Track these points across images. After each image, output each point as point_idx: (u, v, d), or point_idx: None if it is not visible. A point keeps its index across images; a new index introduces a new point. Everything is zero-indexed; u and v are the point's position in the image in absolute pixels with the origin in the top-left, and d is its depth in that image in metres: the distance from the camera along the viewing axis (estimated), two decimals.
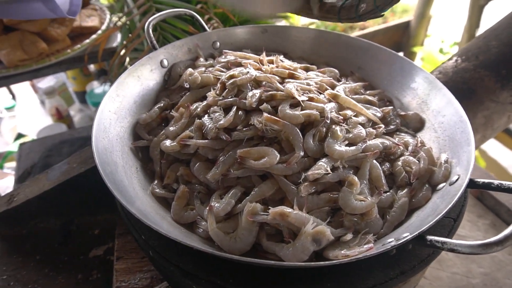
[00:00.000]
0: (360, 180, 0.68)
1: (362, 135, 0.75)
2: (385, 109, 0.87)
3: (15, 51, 1.39)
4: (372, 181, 0.71)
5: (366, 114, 0.82)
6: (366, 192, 0.68)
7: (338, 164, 0.69)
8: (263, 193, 0.68)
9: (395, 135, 0.84)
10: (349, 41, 1.08)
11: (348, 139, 0.73)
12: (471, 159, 0.67)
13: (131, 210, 0.59)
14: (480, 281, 1.09)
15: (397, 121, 0.87)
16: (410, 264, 0.63)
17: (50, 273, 1.00)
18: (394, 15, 3.99)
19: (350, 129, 0.76)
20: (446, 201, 0.62)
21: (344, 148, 0.70)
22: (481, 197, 1.29)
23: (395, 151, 0.77)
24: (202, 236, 0.68)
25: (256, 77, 0.81)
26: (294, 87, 0.78)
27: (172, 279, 0.77)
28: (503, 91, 1.03)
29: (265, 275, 0.62)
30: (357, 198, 0.66)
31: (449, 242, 0.53)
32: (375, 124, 0.83)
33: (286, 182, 0.68)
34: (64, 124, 2.08)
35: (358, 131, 0.75)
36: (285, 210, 0.61)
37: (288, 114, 0.73)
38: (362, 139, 0.74)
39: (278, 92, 0.78)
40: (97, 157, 0.68)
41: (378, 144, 0.75)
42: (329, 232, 0.60)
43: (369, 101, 0.90)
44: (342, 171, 0.69)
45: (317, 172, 0.66)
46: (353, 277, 0.62)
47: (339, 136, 0.72)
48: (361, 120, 0.79)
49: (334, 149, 0.70)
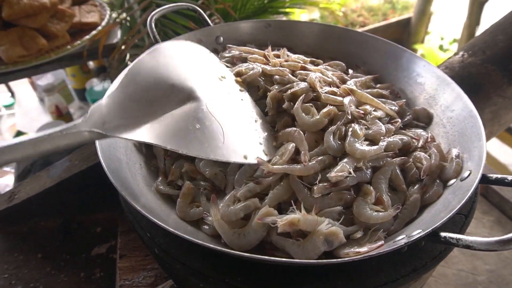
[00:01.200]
0: (381, 182, 0.67)
1: (382, 131, 0.72)
2: (399, 102, 0.86)
3: (14, 47, 1.37)
4: (391, 180, 0.70)
5: (384, 108, 0.80)
6: (387, 196, 0.66)
7: (361, 164, 0.66)
8: (281, 196, 0.65)
9: (407, 129, 0.82)
10: (354, 35, 1.06)
11: (368, 136, 0.71)
12: (483, 154, 0.66)
13: (137, 207, 0.58)
14: (485, 278, 1.09)
15: (410, 113, 0.86)
16: (422, 261, 0.61)
17: (52, 272, 0.99)
18: (394, 12, 3.98)
19: (370, 125, 0.73)
20: (459, 197, 0.61)
21: (367, 148, 0.68)
22: (486, 194, 1.28)
23: (412, 146, 0.76)
24: (208, 234, 0.67)
25: (267, 71, 0.79)
26: (317, 78, 0.76)
27: (178, 277, 0.75)
28: (510, 86, 1.02)
29: (274, 273, 0.61)
30: (372, 208, 0.63)
31: (465, 239, 0.51)
32: (391, 119, 0.81)
33: (297, 181, 0.65)
34: (63, 121, 2.06)
35: (377, 127, 0.73)
36: (294, 219, 0.58)
37: (308, 122, 0.72)
38: (382, 136, 0.72)
39: (300, 88, 0.76)
40: (101, 154, 0.66)
41: (398, 141, 0.73)
42: (342, 234, 0.58)
43: (382, 95, 0.88)
44: (363, 173, 0.67)
45: (340, 174, 0.63)
46: (364, 274, 0.60)
47: (360, 134, 0.70)
48: (380, 114, 0.77)
49: (356, 148, 0.67)
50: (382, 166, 0.70)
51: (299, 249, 0.59)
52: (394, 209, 0.64)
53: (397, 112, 0.84)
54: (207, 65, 0.84)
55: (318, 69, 0.88)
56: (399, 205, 0.65)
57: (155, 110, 0.63)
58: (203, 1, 1.49)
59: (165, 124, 0.63)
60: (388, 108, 0.82)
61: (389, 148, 0.71)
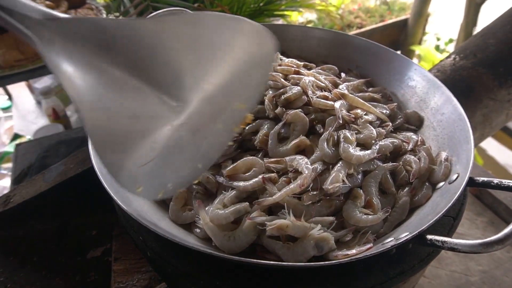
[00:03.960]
0: (371, 185, 0.68)
1: (373, 135, 0.73)
2: (390, 106, 0.87)
3: (11, 51, 1.38)
4: (381, 183, 0.71)
5: (375, 112, 0.81)
6: (377, 199, 0.67)
7: (352, 171, 0.67)
8: (272, 201, 0.65)
9: (398, 132, 0.83)
10: (347, 39, 1.07)
11: (359, 140, 0.72)
12: (470, 157, 0.67)
13: (129, 211, 0.59)
14: (478, 278, 1.10)
15: (402, 116, 0.87)
16: (410, 263, 0.62)
17: (47, 275, 0.99)
18: (391, 13, 3.99)
19: (361, 130, 0.74)
20: (446, 200, 0.62)
21: (361, 153, 0.69)
22: (479, 195, 1.29)
23: (403, 149, 0.77)
24: (200, 237, 0.67)
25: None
26: (310, 83, 0.77)
27: (170, 280, 0.76)
28: (501, 89, 1.03)
29: (264, 276, 0.62)
30: (362, 211, 0.64)
31: (449, 241, 0.53)
32: (382, 122, 0.82)
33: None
34: (60, 124, 2.07)
35: (368, 132, 0.74)
36: (282, 224, 0.59)
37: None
38: (373, 140, 0.73)
39: (293, 93, 0.77)
40: (94, 158, 0.67)
41: (389, 145, 0.74)
42: (333, 241, 0.59)
43: (374, 98, 0.89)
44: (354, 179, 0.68)
45: (337, 184, 0.63)
46: (353, 277, 0.61)
47: (352, 140, 0.70)
48: (371, 118, 0.78)
49: (352, 154, 0.68)
50: (373, 170, 0.71)
51: (289, 252, 0.59)
52: (383, 212, 0.65)
53: (388, 116, 0.85)
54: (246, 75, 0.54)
55: (311, 73, 0.89)
56: (388, 208, 0.66)
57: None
58: (199, 4, 1.50)
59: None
60: (379, 111, 0.83)
61: (380, 152, 0.72)
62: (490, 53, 1.04)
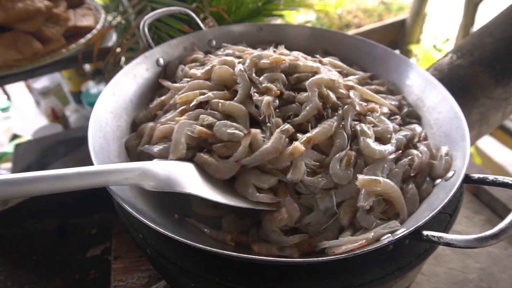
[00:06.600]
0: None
1: (390, 129, 0.73)
2: (397, 97, 0.88)
3: (9, 51, 1.38)
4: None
5: (386, 104, 0.81)
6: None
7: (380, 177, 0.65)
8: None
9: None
10: (344, 39, 1.08)
11: (376, 133, 0.71)
12: (467, 154, 0.68)
13: (129, 209, 0.59)
14: (476, 276, 1.10)
15: (407, 105, 0.88)
16: (407, 259, 0.63)
17: (47, 274, 1.00)
18: (389, 13, 4.01)
19: (377, 123, 0.73)
20: (442, 197, 0.63)
21: (383, 147, 0.68)
22: (477, 193, 1.30)
23: (415, 140, 0.77)
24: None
25: (261, 63, 0.80)
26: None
27: (170, 277, 0.76)
28: (498, 87, 1.04)
29: (263, 272, 0.62)
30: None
31: (445, 237, 0.53)
32: (391, 114, 0.82)
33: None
34: (59, 124, 2.07)
35: (385, 125, 0.73)
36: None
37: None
38: (389, 134, 0.72)
39: (303, 64, 0.78)
40: (94, 156, 0.68)
41: (403, 138, 0.74)
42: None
43: (380, 91, 0.90)
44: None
45: (370, 200, 0.62)
46: (350, 272, 0.62)
47: (370, 134, 0.69)
48: (385, 110, 0.78)
49: (374, 149, 0.67)
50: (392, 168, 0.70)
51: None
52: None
53: (397, 107, 0.85)
54: None
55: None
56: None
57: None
58: (197, 5, 1.50)
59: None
60: (388, 103, 0.83)
61: (397, 146, 0.72)
62: (487, 52, 1.05)
